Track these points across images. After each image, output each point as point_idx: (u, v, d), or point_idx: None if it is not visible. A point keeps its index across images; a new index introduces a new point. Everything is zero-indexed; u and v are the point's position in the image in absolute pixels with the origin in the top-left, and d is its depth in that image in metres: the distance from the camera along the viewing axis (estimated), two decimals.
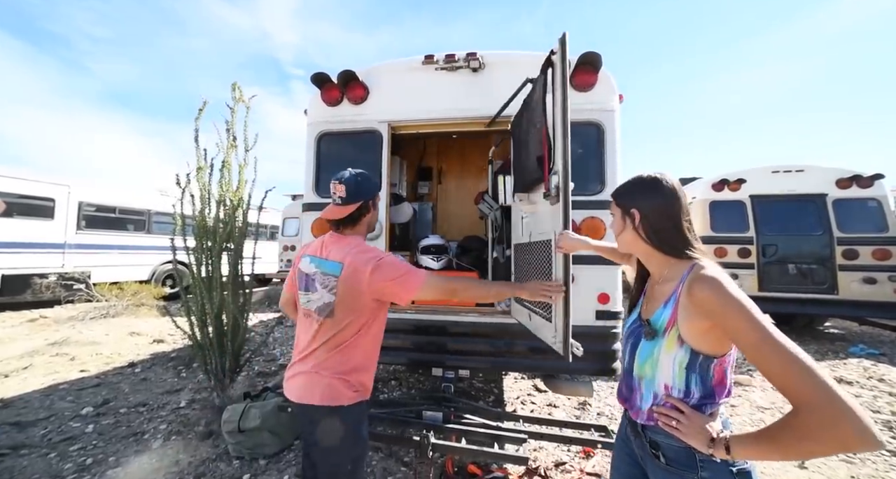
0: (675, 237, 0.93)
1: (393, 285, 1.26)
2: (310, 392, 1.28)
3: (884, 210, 4.99)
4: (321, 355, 1.30)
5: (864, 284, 4.86)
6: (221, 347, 3.10)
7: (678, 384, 0.90)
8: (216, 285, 3.08)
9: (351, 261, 1.29)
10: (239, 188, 3.27)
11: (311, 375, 1.29)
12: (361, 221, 1.41)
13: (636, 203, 0.98)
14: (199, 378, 3.74)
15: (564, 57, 1.39)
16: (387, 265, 1.28)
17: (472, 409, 2.15)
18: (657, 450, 0.94)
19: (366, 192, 1.38)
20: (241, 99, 3.50)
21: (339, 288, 1.28)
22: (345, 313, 1.29)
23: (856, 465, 2.36)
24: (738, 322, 0.75)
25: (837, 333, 5.76)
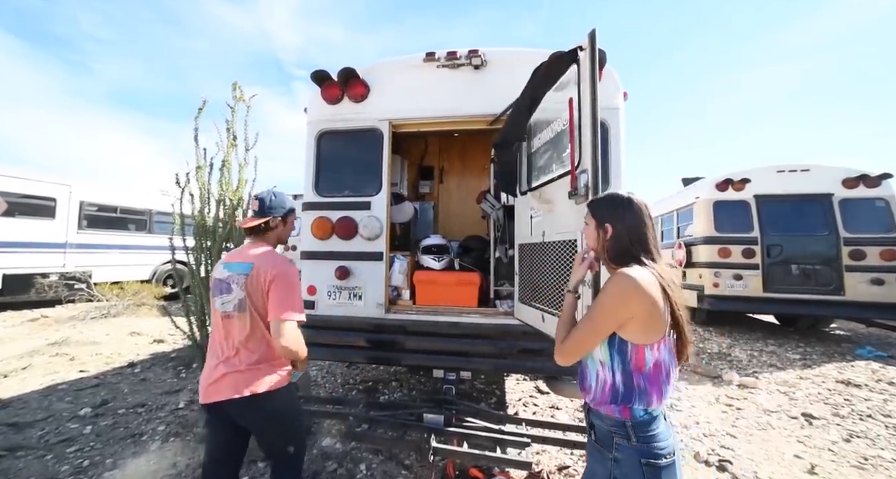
0: (631, 252, 1.08)
1: (279, 291, 1.41)
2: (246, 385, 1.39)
3: (891, 210, 4.92)
4: (252, 348, 1.44)
5: (872, 285, 4.80)
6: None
7: (606, 360, 1.06)
8: None
9: (259, 263, 1.47)
10: (239, 188, 3.25)
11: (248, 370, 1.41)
12: (268, 234, 1.62)
13: (610, 219, 1.12)
14: (198, 379, 3.72)
15: (594, 53, 1.35)
16: (286, 278, 1.44)
17: (473, 412, 2.11)
18: (592, 430, 1.12)
19: (273, 210, 1.59)
20: (241, 98, 3.49)
21: (248, 285, 1.45)
22: (255, 308, 1.45)
23: (867, 471, 2.31)
24: (597, 298, 1.05)
25: (843, 334, 5.69)
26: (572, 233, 1.57)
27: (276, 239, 1.65)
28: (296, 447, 1.53)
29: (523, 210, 2.29)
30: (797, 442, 2.62)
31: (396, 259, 2.82)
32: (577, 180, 1.46)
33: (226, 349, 1.45)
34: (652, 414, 1.02)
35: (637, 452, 1.00)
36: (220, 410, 1.43)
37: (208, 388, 1.43)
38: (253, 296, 1.44)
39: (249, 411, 1.42)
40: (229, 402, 1.38)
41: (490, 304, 2.72)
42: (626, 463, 1.01)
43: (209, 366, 1.47)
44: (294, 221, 1.72)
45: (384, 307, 2.58)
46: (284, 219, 1.64)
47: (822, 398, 3.36)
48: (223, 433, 1.52)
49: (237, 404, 1.39)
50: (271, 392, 1.42)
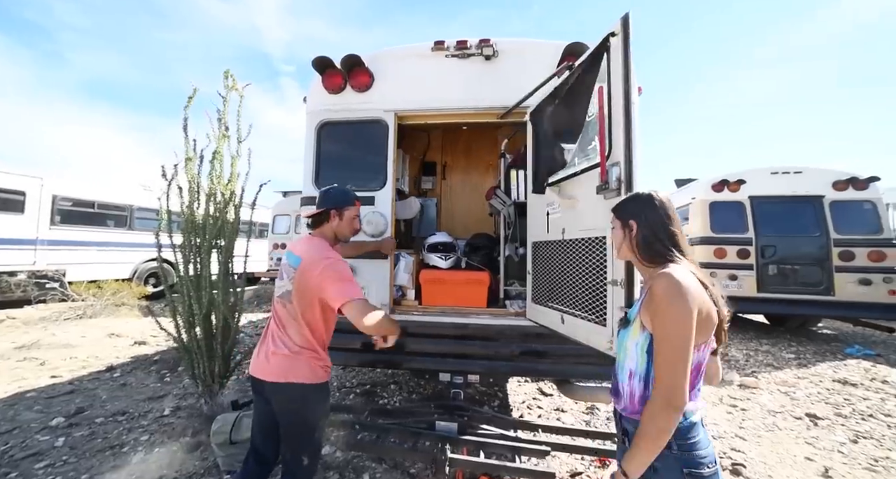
0: (661, 249, 1.03)
1: (329, 283, 1.40)
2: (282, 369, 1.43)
3: (878, 212, 5.06)
4: (294, 336, 1.47)
5: (860, 285, 4.91)
6: (210, 350, 2.88)
7: (639, 369, 0.99)
8: (205, 284, 2.86)
9: (308, 257, 1.47)
10: (231, 181, 3.05)
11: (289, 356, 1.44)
12: (323, 226, 1.61)
13: (634, 216, 1.08)
14: (184, 383, 3.50)
15: (627, 39, 1.26)
16: (331, 269, 1.43)
17: (487, 418, 2.00)
18: (626, 436, 1.03)
19: (328, 201, 1.60)
20: (234, 87, 3.28)
21: (296, 279, 1.46)
22: (298, 302, 1.46)
23: (879, 474, 2.31)
24: (659, 316, 0.92)
25: (831, 333, 5.83)
26: (600, 230, 1.48)
27: (333, 234, 1.63)
28: (309, 459, 1.49)
29: (538, 207, 2.19)
30: (805, 444, 2.61)
31: (402, 257, 2.69)
32: (607, 174, 1.36)
33: (275, 331, 1.51)
34: (691, 420, 0.96)
35: (679, 461, 0.94)
36: (260, 385, 1.48)
37: (255, 362, 1.51)
38: (300, 289, 1.45)
39: (279, 395, 1.45)
40: (269, 383, 1.43)
41: (500, 304, 2.62)
42: (666, 474, 0.94)
43: (261, 342, 1.54)
44: (354, 217, 1.67)
45: (388, 308, 2.45)
46: (340, 212, 1.61)
47: (822, 398, 3.39)
48: (263, 405, 1.54)
49: (271, 385, 1.43)
50: (303, 384, 1.43)
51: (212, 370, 2.83)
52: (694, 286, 0.93)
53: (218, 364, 2.85)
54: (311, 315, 1.47)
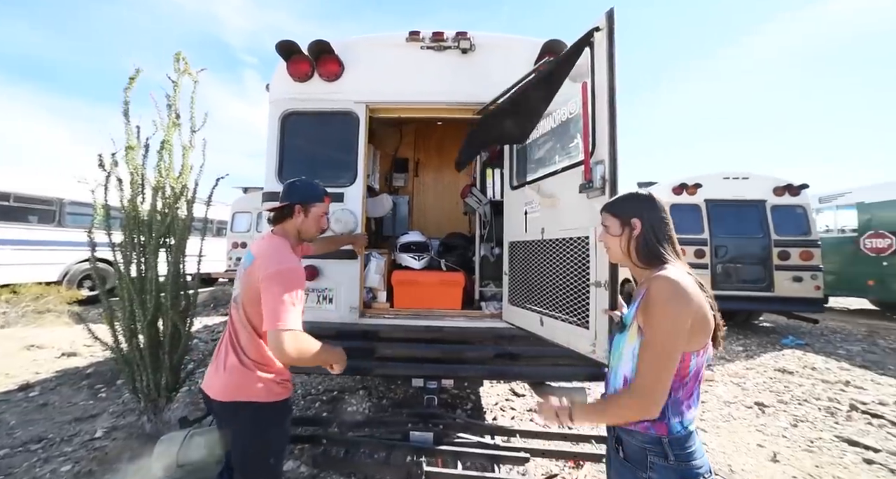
0: (659, 250, 1.00)
1: (270, 297, 1.22)
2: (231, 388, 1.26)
3: (808, 216, 5.61)
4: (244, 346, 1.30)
5: (794, 282, 5.42)
6: (156, 360, 2.58)
7: (633, 375, 0.95)
8: (151, 286, 2.56)
9: (261, 257, 1.32)
10: (182, 174, 2.75)
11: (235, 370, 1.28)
12: (286, 223, 1.46)
13: (637, 215, 1.04)
14: (123, 399, 3.12)
15: (612, 34, 1.23)
16: (281, 280, 1.25)
17: (463, 425, 1.94)
18: (620, 445, 1.01)
19: (294, 195, 1.46)
20: (186, 71, 2.96)
21: (244, 280, 1.32)
22: (247, 307, 1.31)
23: (815, 454, 2.51)
24: (653, 317, 0.91)
25: (769, 326, 6.39)
26: (583, 229, 1.46)
27: (297, 232, 1.49)
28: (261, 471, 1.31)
29: (516, 205, 2.16)
30: (756, 431, 2.80)
31: (372, 257, 2.56)
32: (591, 172, 1.34)
33: (229, 340, 1.35)
34: (688, 428, 0.94)
35: (675, 472, 0.91)
36: (209, 402, 1.33)
37: (207, 374, 1.36)
38: (246, 293, 1.31)
39: (226, 415, 1.30)
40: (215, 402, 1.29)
41: (475, 306, 2.57)
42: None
43: (216, 352, 1.39)
44: (322, 215, 1.53)
45: (358, 311, 2.32)
46: (306, 208, 1.47)
47: (767, 387, 3.67)
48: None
49: (218, 404, 1.28)
50: (255, 403, 1.26)
51: (157, 383, 2.54)
52: (692, 288, 0.91)
53: (165, 375, 2.57)
54: (259, 321, 1.28)
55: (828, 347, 5.14)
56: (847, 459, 2.45)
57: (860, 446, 2.59)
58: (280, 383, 1.33)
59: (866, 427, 2.88)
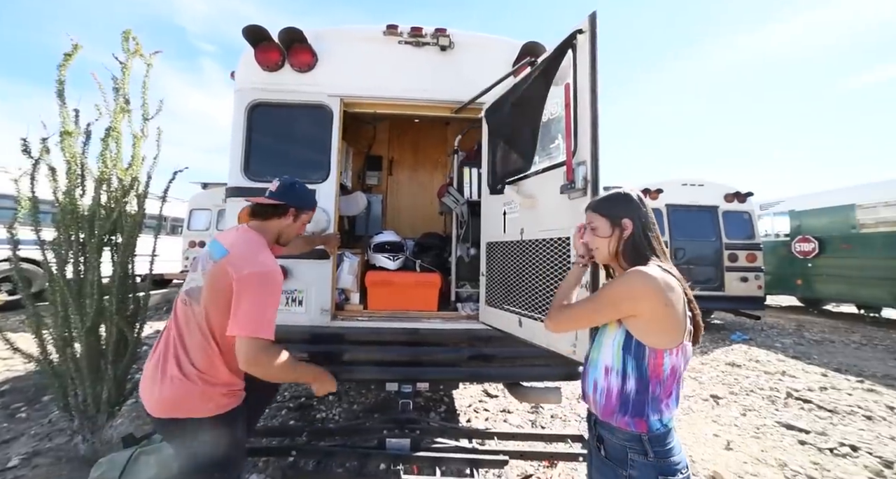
0: (647, 251, 1.02)
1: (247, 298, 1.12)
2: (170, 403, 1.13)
3: (752, 221, 6.13)
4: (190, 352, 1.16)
5: (741, 282, 5.89)
6: (96, 371, 2.32)
7: (616, 365, 0.98)
8: (92, 289, 2.30)
9: (237, 252, 1.19)
10: (133, 166, 2.50)
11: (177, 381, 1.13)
12: (270, 223, 1.37)
13: (628, 215, 1.05)
14: (51, 418, 2.77)
15: (595, 37, 1.24)
16: (262, 283, 1.15)
17: (440, 430, 1.90)
18: (601, 443, 1.03)
19: (292, 197, 1.38)
20: (137, 52, 2.69)
21: (212, 272, 1.18)
22: (208, 305, 1.17)
23: (760, 439, 2.72)
24: (610, 282, 1.03)
25: (719, 323, 6.90)
26: (564, 230, 1.47)
27: (277, 233, 1.40)
28: None
29: (494, 206, 2.15)
30: (712, 422, 3.00)
31: (345, 258, 2.46)
32: (573, 173, 1.35)
33: (172, 343, 1.18)
34: (667, 426, 0.97)
35: (655, 468, 0.93)
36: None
37: (143, 380, 1.20)
38: (212, 289, 1.16)
39: (166, 431, 1.19)
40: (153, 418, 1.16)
41: (451, 307, 2.54)
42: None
43: (152, 353, 1.23)
44: (307, 222, 1.48)
45: (330, 314, 2.21)
46: (298, 214, 1.41)
47: (720, 380, 3.95)
48: None
49: (156, 420, 1.16)
50: (198, 419, 1.13)
51: (96, 397, 2.28)
52: (664, 284, 0.92)
53: (107, 388, 2.31)
54: (220, 323, 1.15)
55: (767, 341, 5.63)
56: (785, 442, 2.69)
57: (795, 429, 2.86)
58: (227, 394, 1.20)
59: (799, 412, 3.18)
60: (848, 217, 6.73)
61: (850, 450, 2.55)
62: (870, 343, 5.46)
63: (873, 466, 2.37)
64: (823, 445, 2.62)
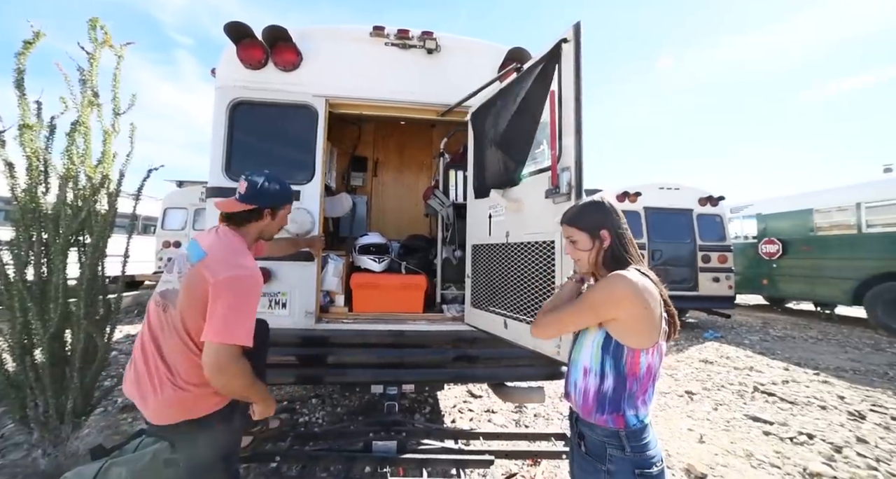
0: (626, 259, 1.05)
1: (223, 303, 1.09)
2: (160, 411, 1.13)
3: (724, 224, 6.44)
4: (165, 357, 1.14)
5: (713, 282, 6.17)
6: (60, 380, 2.20)
7: (594, 366, 1.02)
8: (56, 292, 2.18)
9: (214, 255, 1.17)
10: (103, 163, 2.38)
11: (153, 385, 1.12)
12: (248, 226, 1.32)
13: (605, 226, 1.07)
14: (4, 432, 2.59)
15: (579, 45, 1.28)
16: (240, 288, 1.12)
17: (426, 432, 1.90)
18: (581, 440, 1.07)
19: (265, 198, 1.31)
20: (107, 42, 2.57)
21: (189, 276, 1.15)
22: (184, 309, 1.14)
23: (730, 432, 2.87)
24: (593, 287, 1.05)
25: (693, 322, 7.20)
26: (548, 234, 1.51)
27: (258, 233, 1.35)
28: None
29: (479, 209, 2.18)
30: (687, 417, 3.13)
31: (330, 260, 2.43)
32: (558, 178, 1.39)
33: (149, 350, 1.15)
34: (643, 421, 1.01)
35: (631, 462, 0.98)
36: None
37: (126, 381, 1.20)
38: (188, 293, 1.12)
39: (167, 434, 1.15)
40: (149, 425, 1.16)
41: (436, 309, 2.55)
42: (620, 475, 0.98)
43: (132, 359, 1.21)
44: (287, 215, 1.43)
45: (314, 316, 2.18)
46: (275, 211, 1.35)
47: (694, 376, 4.12)
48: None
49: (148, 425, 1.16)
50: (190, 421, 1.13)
51: (60, 407, 2.15)
52: (642, 288, 0.97)
53: (73, 398, 2.19)
54: (196, 328, 1.12)
55: (737, 338, 5.91)
56: (752, 433, 2.84)
57: (761, 421, 3.02)
58: (219, 393, 1.17)
59: (764, 405, 3.37)
60: (807, 221, 7.17)
61: (807, 438, 2.73)
62: (825, 338, 5.84)
63: (826, 452, 2.55)
64: (784, 435, 2.79)
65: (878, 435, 2.78)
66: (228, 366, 1.08)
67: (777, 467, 2.39)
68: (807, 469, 2.34)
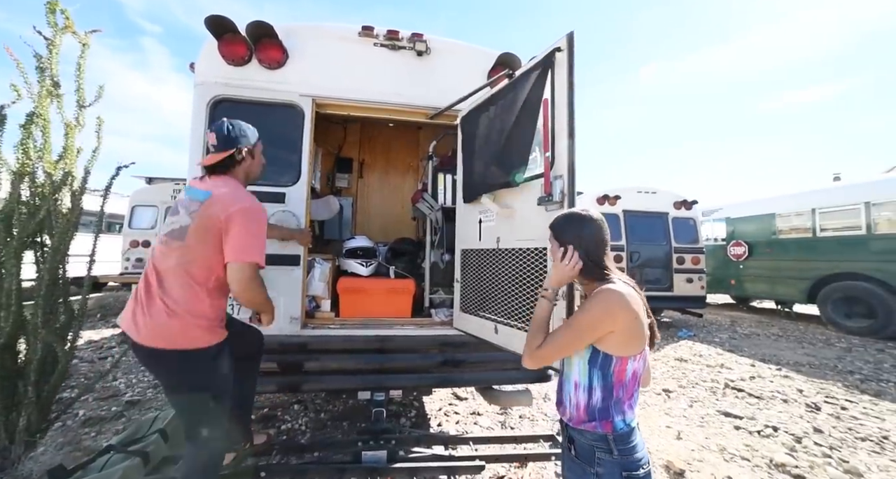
0: (598, 267, 1.10)
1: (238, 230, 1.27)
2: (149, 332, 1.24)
3: (696, 227, 6.74)
4: (171, 289, 1.27)
5: (687, 283, 6.45)
6: (12, 394, 2.03)
7: (583, 380, 1.05)
8: (8, 299, 2.01)
9: (220, 193, 1.33)
10: (66, 158, 2.21)
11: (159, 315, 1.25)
12: (235, 170, 1.46)
13: (571, 239, 1.11)
14: None
15: (572, 55, 1.30)
16: (248, 216, 1.30)
17: (416, 438, 1.88)
18: (571, 444, 1.10)
19: (237, 140, 1.44)
20: (68, 28, 2.39)
21: (201, 212, 1.30)
22: (196, 241, 1.29)
23: (704, 428, 3.00)
24: (583, 307, 1.04)
25: (668, 321, 7.50)
26: (540, 240, 1.52)
27: (245, 175, 1.51)
28: (209, 432, 1.31)
29: (469, 213, 2.18)
30: (665, 415, 3.25)
31: (316, 264, 2.36)
32: (551, 186, 1.41)
33: (150, 284, 1.29)
34: (630, 425, 1.05)
35: (619, 465, 1.01)
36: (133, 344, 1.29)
37: (125, 317, 1.31)
38: (201, 227, 1.28)
39: (151, 361, 1.29)
40: (139, 346, 1.26)
41: (424, 313, 2.52)
42: (608, 477, 1.01)
43: (133, 298, 1.33)
44: (261, 151, 1.57)
45: (300, 322, 2.12)
46: (251, 149, 1.50)
47: (670, 375, 4.29)
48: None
49: (142, 349, 1.26)
50: (180, 351, 1.25)
51: (11, 425, 1.98)
52: (630, 298, 1.01)
53: (27, 413, 2.02)
54: (204, 257, 1.28)
55: (708, 336, 6.21)
56: (724, 428, 2.99)
57: (732, 416, 3.18)
58: (208, 328, 1.31)
59: (734, 400, 3.55)
60: (770, 224, 7.62)
61: (772, 431, 2.90)
62: (785, 335, 6.23)
63: (788, 443, 2.72)
64: (753, 428, 2.95)
65: (831, 425, 2.99)
66: (251, 282, 1.29)
67: (747, 459, 2.52)
68: (773, 461, 2.48)
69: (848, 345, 5.49)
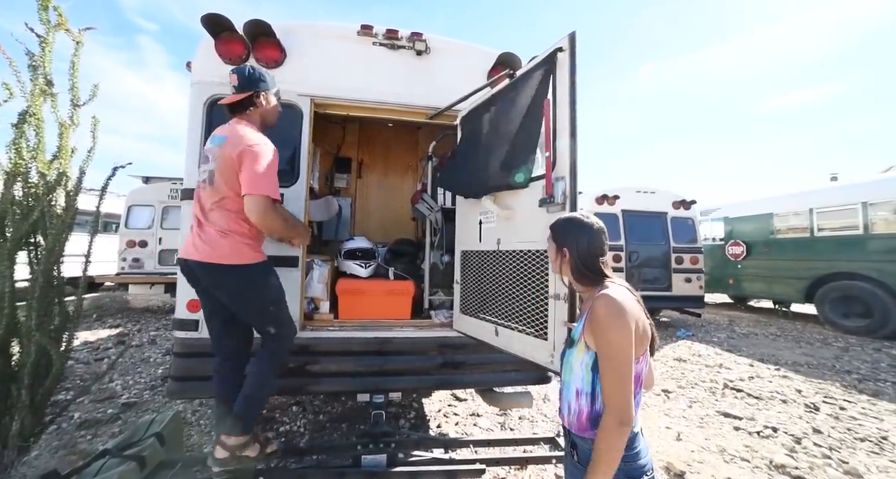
0: (594, 272, 1.09)
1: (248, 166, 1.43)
2: (209, 253, 1.48)
3: (695, 227, 6.74)
4: (216, 220, 1.51)
5: (685, 282, 6.46)
6: (4, 399, 2.00)
7: (585, 387, 1.03)
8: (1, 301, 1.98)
9: (233, 136, 1.49)
10: (60, 158, 2.18)
11: (213, 239, 1.49)
12: (251, 111, 1.61)
13: (567, 243, 1.11)
14: None
15: (574, 54, 1.28)
16: (255, 152, 1.45)
17: (416, 441, 1.86)
18: (574, 449, 1.08)
19: (256, 82, 1.59)
20: (62, 25, 2.35)
21: (219, 157, 1.48)
22: (221, 182, 1.48)
23: (704, 428, 3.00)
24: (603, 336, 0.97)
25: (666, 321, 7.51)
26: (541, 243, 1.50)
27: (261, 119, 1.64)
28: (276, 328, 1.58)
29: (469, 214, 2.16)
30: (664, 415, 3.24)
31: (315, 265, 2.34)
32: (553, 187, 1.39)
33: (200, 219, 1.55)
34: (633, 430, 1.02)
35: (622, 472, 0.98)
36: (191, 269, 1.54)
37: (185, 246, 1.56)
38: (224, 168, 1.46)
39: (212, 277, 1.50)
40: (197, 263, 1.49)
41: (424, 315, 2.51)
42: None
43: (189, 233, 1.58)
44: (277, 98, 1.72)
45: (298, 324, 2.09)
46: (267, 94, 1.63)
47: (669, 375, 4.29)
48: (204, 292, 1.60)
49: (203, 267, 1.48)
50: (232, 266, 1.47)
51: (3, 430, 1.95)
52: (631, 304, 0.99)
53: (20, 418, 1.98)
54: (233, 189, 1.46)
55: (707, 336, 6.22)
56: (724, 429, 2.98)
57: (731, 416, 3.18)
58: (252, 246, 1.55)
59: (734, 400, 3.55)
60: (768, 224, 7.64)
61: (771, 432, 2.90)
62: (783, 335, 6.24)
63: (788, 444, 2.71)
64: (752, 429, 2.95)
65: (830, 425, 2.99)
66: (266, 213, 1.44)
67: (747, 461, 2.52)
68: (773, 462, 2.48)
69: (845, 344, 5.52)
